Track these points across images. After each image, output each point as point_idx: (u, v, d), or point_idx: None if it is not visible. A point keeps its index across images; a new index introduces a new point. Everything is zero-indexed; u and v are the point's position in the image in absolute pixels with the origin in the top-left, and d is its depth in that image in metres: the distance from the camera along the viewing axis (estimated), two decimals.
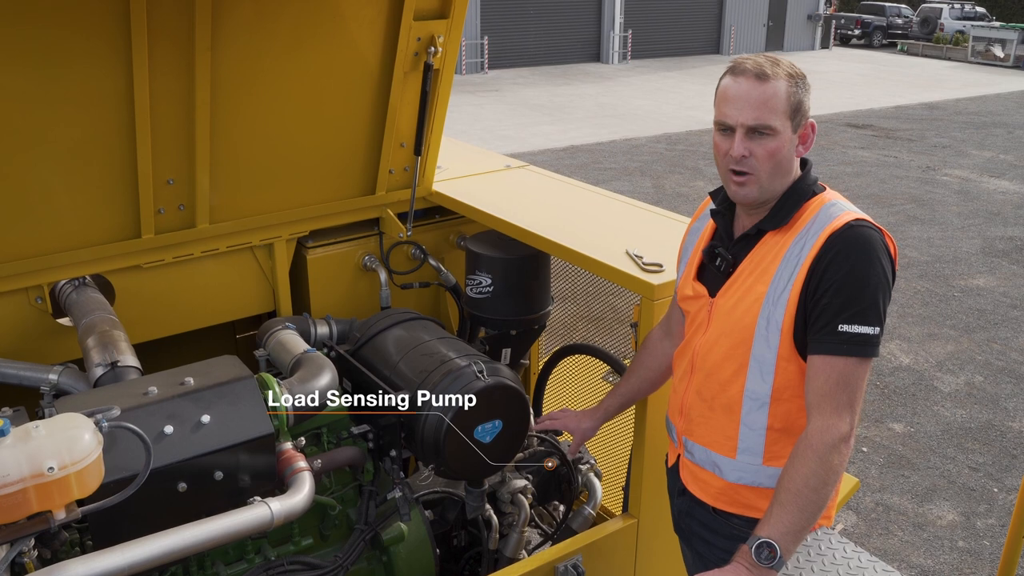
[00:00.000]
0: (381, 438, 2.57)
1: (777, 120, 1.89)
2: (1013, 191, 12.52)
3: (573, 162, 13.63)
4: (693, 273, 2.17)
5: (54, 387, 2.51)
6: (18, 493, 1.67)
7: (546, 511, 3.36)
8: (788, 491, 1.81)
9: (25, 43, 2.38)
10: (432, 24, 3.05)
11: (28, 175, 2.59)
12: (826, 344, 1.84)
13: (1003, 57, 28.29)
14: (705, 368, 2.09)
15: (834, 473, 1.82)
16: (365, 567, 2.70)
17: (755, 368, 1.98)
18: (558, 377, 3.78)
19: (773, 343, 1.93)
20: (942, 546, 4.67)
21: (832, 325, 1.83)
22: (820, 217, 1.93)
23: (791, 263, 1.92)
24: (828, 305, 1.84)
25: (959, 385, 6.58)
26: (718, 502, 2.13)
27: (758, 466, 2.04)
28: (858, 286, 1.83)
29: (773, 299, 1.92)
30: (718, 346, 2.05)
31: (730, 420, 2.05)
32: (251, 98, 2.85)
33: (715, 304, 2.07)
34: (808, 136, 1.97)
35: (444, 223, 3.58)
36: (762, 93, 1.89)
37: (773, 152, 1.91)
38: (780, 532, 1.79)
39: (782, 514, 1.80)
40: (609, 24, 26.23)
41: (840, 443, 1.81)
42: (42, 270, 2.75)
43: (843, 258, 1.85)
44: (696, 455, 2.17)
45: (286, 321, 2.97)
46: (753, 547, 1.78)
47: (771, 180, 1.94)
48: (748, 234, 2.03)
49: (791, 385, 1.96)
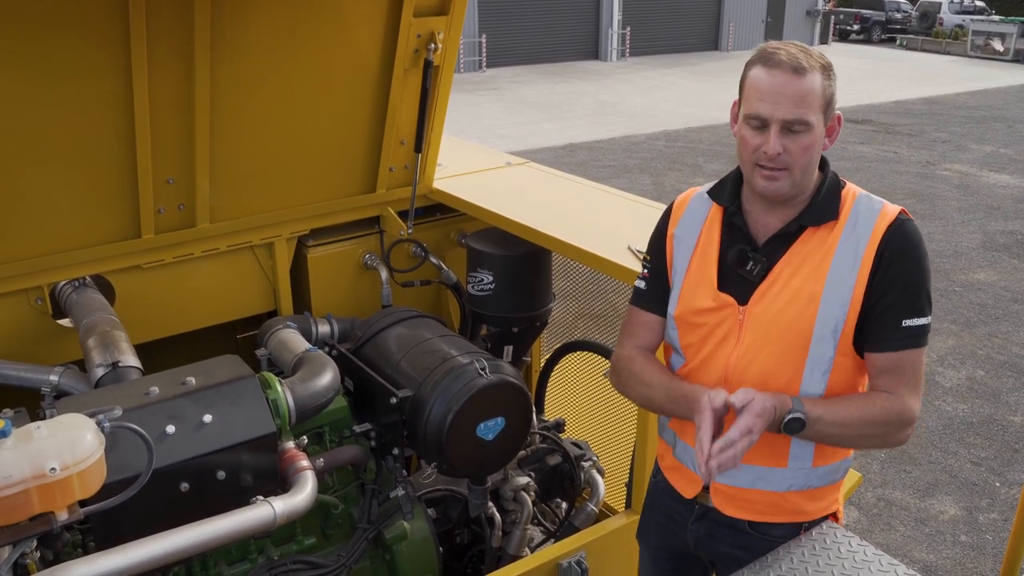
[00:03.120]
0: (383, 436, 2.57)
1: (814, 115, 1.81)
2: (1013, 185, 12.51)
3: (572, 160, 13.61)
4: (713, 283, 1.98)
5: (55, 388, 2.51)
6: (20, 494, 1.66)
7: (549, 508, 3.36)
8: (849, 412, 1.84)
9: (25, 45, 2.37)
10: (432, 21, 3.04)
11: (28, 176, 2.58)
12: (892, 341, 1.85)
13: (1002, 51, 28.26)
14: (747, 381, 1.91)
15: (887, 442, 1.88)
16: (368, 566, 2.69)
17: (811, 370, 1.90)
18: (560, 374, 3.77)
19: (834, 343, 1.87)
20: (944, 541, 4.67)
21: (896, 323, 1.84)
22: (861, 210, 1.89)
23: (848, 259, 1.85)
24: (893, 303, 1.84)
25: (960, 380, 6.57)
26: (765, 515, 2.03)
27: (809, 469, 1.99)
28: (919, 281, 1.85)
29: (833, 299, 1.85)
30: (763, 355, 1.91)
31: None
32: (251, 97, 2.84)
33: (748, 312, 1.92)
34: (835, 129, 1.91)
35: (445, 221, 3.58)
36: (799, 88, 1.79)
37: (807, 147, 1.83)
38: (816, 424, 1.81)
39: (830, 418, 1.82)
40: (607, 21, 26.19)
41: (909, 424, 1.86)
42: (42, 271, 2.74)
43: (905, 256, 1.85)
44: (738, 477, 2.01)
45: (287, 320, 2.97)
46: (787, 418, 1.79)
47: (804, 175, 1.87)
48: (786, 232, 1.92)
49: (844, 379, 1.92)
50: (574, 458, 3.22)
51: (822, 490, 2.03)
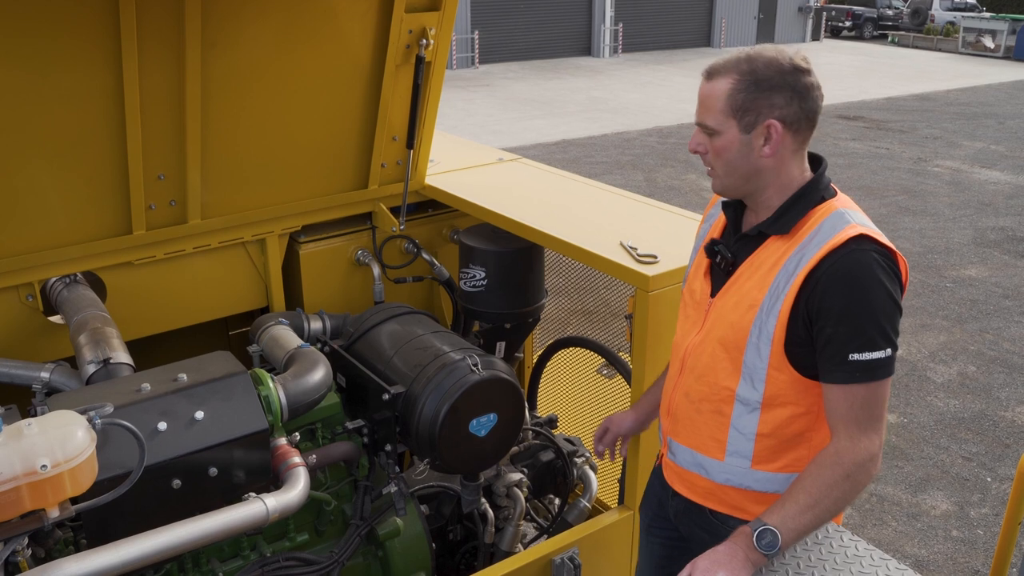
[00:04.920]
0: (376, 433, 2.56)
1: (713, 119, 1.87)
2: (1004, 181, 12.56)
3: (565, 156, 13.61)
4: (704, 269, 2.10)
5: (46, 385, 2.50)
6: (11, 491, 1.66)
7: (542, 504, 3.36)
8: (808, 493, 1.79)
9: (13, 39, 2.35)
10: (424, 16, 3.03)
11: (18, 172, 2.57)
12: (840, 374, 1.80)
13: (993, 48, 28.33)
14: (696, 370, 2.05)
15: (856, 490, 1.81)
16: (361, 562, 2.69)
17: (747, 375, 1.94)
18: (552, 370, 3.77)
19: (764, 353, 1.90)
20: (936, 536, 4.69)
21: (842, 355, 1.79)
22: (824, 228, 1.85)
23: (787, 274, 1.86)
24: (834, 335, 1.79)
25: (952, 375, 6.60)
26: (708, 502, 2.11)
27: (746, 469, 2.02)
28: (860, 316, 1.77)
29: (767, 309, 1.88)
30: (711, 348, 2.01)
31: (719, 422, 2.02)
32: (242, 92, 2.83)
33: (713, 305, 2.03)
34: (771, 137, 1.85)
35: (437, 217, 3.57)
36: (704, 91, 1.90)
37: (719, 150, 1.90)
38: (788, 527, 1.78)
39: (795, 511, 1.78)
40: (600, 18, 26.19)
41: (869, 463, 1.80)
42: (33, 267, 2.73)
43: (840, 286, 1.78)
44: (679, 456, 2.15)
45: (279, 316, 2.96)
46: (756, 531, 1.77)
47: (729, 177, 1.92)
48: (750, 235, 1.98)
49: (782, 393, 1.92)
50: (567, 454, 3.23)
51: (766, 495, 2.02)
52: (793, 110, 1.85)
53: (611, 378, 3.66)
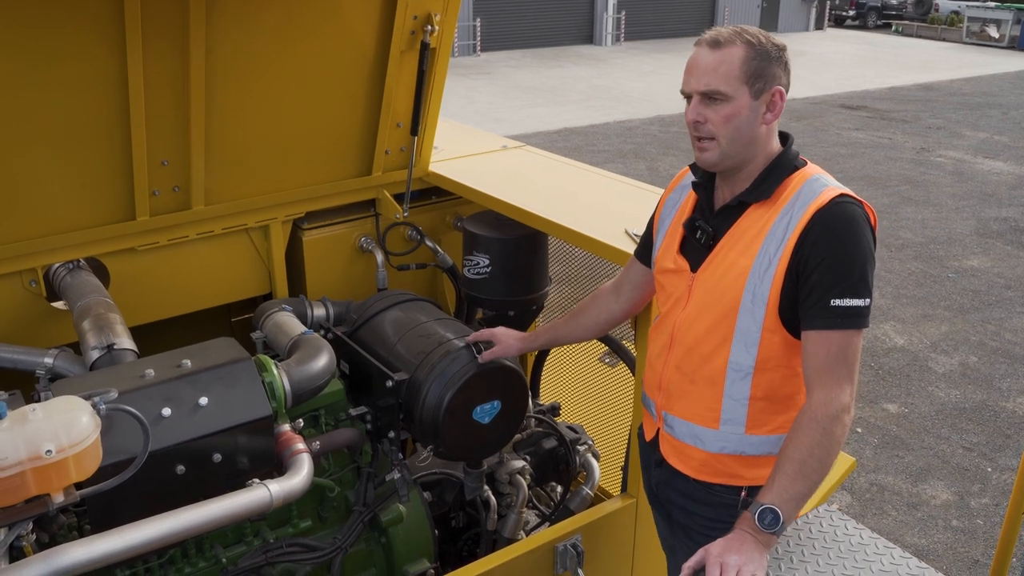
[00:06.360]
0: (379, 419, 2.56)
1: (728, 85, 1.91)
2: (1007, 172, 12.53)
3: (567, 144, 13.58)
4: (676, 246, 2.16)
5: (50, 371, 2.50)
6: (16, 476, 1.66)
7: (544, 492, 3.37)
8: (792, 460, 1.83)
9: (17, 25, 2.34)
10: (428, 2, 3.02)
11: (22, 158, 2.56)
12: (820, 319, 1.87)
13: (998, 38, 28.23)
14: (686, 343, 2.10)
15: (837, 443, 1.85)
16: (364, 548, 2.70)
17: (739, 340, 2.00)
18: (556, 358, 3.77)
19: (759, 316, 1.96)
20: (936, 525, 4.70)
21: (824, 301, 1.86)
22: (804, 192, 1.95)
23: (777, 237, 1.93)
24: (819, 282, 1.86)
25: (953, 366, 6.60)
26: (700, 474, 2.15)
27: (741, 435, 2.07)
28: (847, 262, 1.86)
29: (759, 273, 1.94)
30: (701, 320, 2.06)
31: (713, 392, 2.07)
32: (246, 78, 2.82)
33: (696, 279, 2.08)
34: (776, 103, 1.97)
35: (441, 204, 3.56)
36: (713, 59, 1.92)
37: (728, 117, 1.93)
38: (783, 499, 1.81)
39: (785, 482, 1.82)
40: (602, 6, 26.09)
41: (842, 413, 1.85)
42: (36, 253, 2.73)
43: (831, 235, 1.87)
44: (677, 429, 2.18)
45: (282, 303, 2.96)
46: (756, 513, 1.80)
47: (732, 145, 1.96)
48: (730, 206, 2.04)
49: (774, 355, 1.99)
50: (569, 442, 3.23)
51: (759, 459, 2.08)
52: (787, 81, 1.98)
53: (614, 366, 3.66)
